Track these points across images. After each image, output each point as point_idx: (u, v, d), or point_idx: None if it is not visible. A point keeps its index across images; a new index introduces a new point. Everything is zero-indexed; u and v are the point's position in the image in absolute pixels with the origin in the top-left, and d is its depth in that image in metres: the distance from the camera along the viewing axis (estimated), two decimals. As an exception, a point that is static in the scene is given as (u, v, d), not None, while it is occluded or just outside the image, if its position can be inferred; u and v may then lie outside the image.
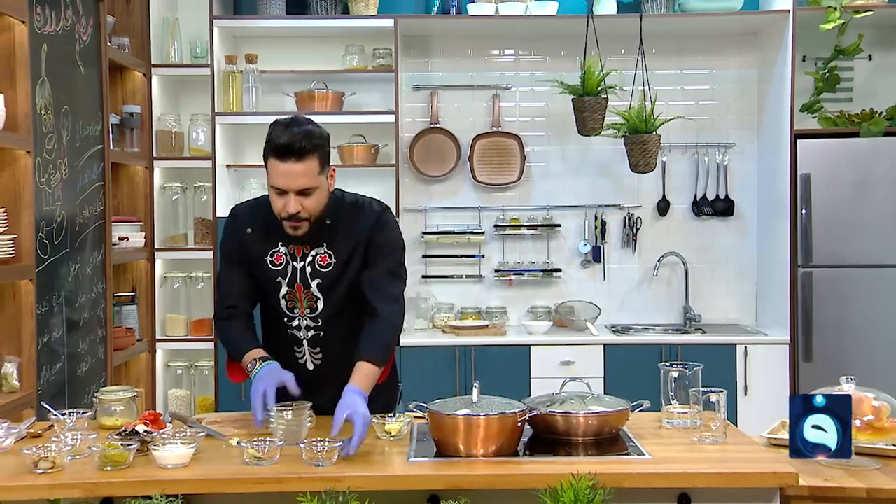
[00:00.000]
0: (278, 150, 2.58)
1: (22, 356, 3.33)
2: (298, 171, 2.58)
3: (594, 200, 5.28)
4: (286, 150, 2.57)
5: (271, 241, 2.74)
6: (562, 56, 5.25)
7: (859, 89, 5.17)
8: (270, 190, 2.65)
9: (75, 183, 3.85)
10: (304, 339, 2.80)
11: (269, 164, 2.62)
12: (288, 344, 2.82)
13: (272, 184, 2.63)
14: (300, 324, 2.79)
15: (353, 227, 2.75)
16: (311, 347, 2.81)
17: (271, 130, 2.63)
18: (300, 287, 2.74)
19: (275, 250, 2.74)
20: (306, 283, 2.74)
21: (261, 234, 2.75)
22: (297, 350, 2.82)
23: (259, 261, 2.76)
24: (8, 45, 3.31)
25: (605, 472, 2.20)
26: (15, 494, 2.22)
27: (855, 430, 2.48)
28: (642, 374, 4.19)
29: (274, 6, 4.94)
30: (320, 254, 2.73)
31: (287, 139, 2.57)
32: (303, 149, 2.57)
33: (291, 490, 2.18)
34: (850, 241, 4.70)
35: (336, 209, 2.75)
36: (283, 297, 2.76)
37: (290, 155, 2.57)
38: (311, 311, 2.77)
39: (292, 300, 2.76)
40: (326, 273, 2.73)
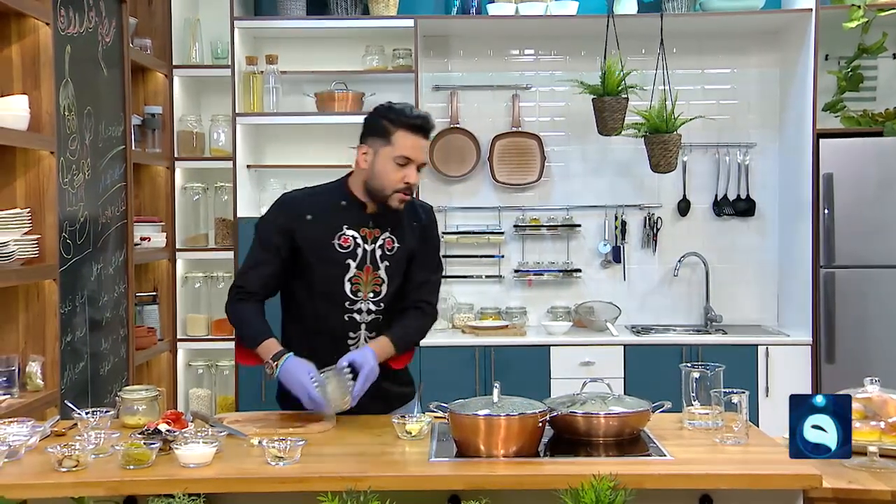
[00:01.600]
0: (414, 125, 2.77)
1: (46, 355, 3.36)
2: (424, 147, 2.81)
3: (614, 200, 5.27)
4: (421, 126, 2.78)
5: (334, 225, 2.84)
6: (582, 56, 5.24)
7: (883, 88, 5.12)
8: (389, 162, 2.77)
9: (98, 183, 3.88)
10: (363, 324, 2.88)
11: (396, 136, 2.77)
12: (342, 330, 2.88)
13: (401, 154, 2.77)
14: (362, 307, 2.87)
15: (412, 218, 2.92)
16: (367, 332, 2.88)
17: (394, 109, 2.80)
18: (368, 269, 2.85)
19: (341, 233, 2.84)
20: (375, 265, 2.86)
21: (322, 220, 2.84)
22: (353, 336, 2.88)
23: (321, 245, 2.83)
24: (33, 46, 3.34)
25: (626, 473, 2.19)
26: (40, 492, 2.24)
27: (880, 432, 2.46)
28: (663, 375, 4.18)
29: (294, 7, 4.96)
30: (386, 238, 2.86)
31: (420, 117, 2.79)
32: (430, 128, 2.82)
33: (313, 489, 2.18)
34: (872, 241, 4.66)
35: None
36: (348, 279, 2.84)
37: (422, 131, 2.78)
38: (375, 295, 2.87)
39: (358, 283, 2.85)
40: (392, 256, 2.87)
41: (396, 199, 2.80)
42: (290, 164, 5.12)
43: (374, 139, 2.80)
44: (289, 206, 2.88)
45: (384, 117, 2.79)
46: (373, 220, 2.85)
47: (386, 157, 2.77)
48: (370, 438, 2.62)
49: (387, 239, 2.87)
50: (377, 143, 2.79)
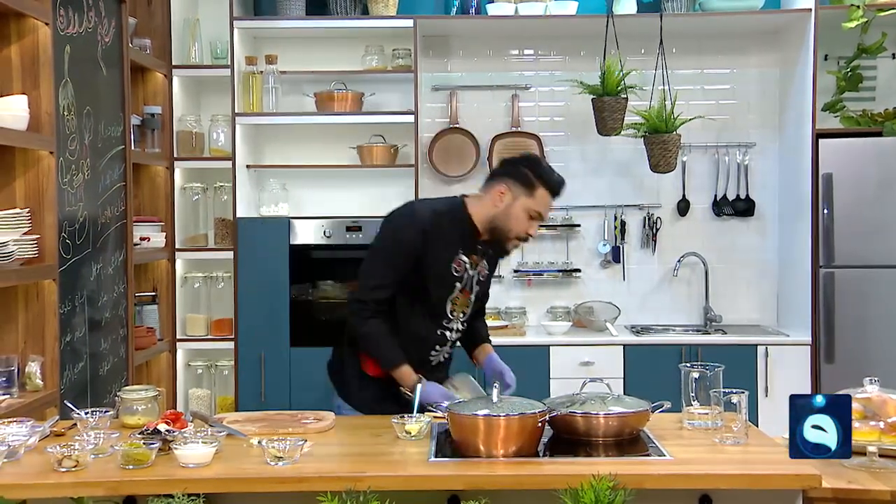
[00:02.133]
0: (555, 188, 3.01)
1: (45, 355, 3.36)
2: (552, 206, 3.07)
3: (614, 200, 5.27)
4: (559, 190, 3.02)
5: (451, 248, 3.02)
6: (581, 56, 5.24)
7: (882, 88, 5.12)
8: (523, 212, 2.99)
9: (97, 183, 3.88)
10: (450, 340, 3.12)
11: (539, 193, 2.99)
12: (431, 343, 3.09)
13: (536, 209, 3.00)
14: (454, 325, 3.11)
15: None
16: (449, 348, 3.14)
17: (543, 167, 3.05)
18: (467, 292, 3.10)
19: (456, 257, 3.03)
20: (471, 289, 3.11)
21: (442, 240, 3.00)
22: (437, 349, 3.11)
23: (436, 264, 3.00)
24: (32, 46, 3.34)
25: (625, 473, 2.20)
26: (39, 492, 2.24)
27: (879, 432, 2.47)
28: (662, 375, 4.19)
29: (294, 7, 4.95)
30: (482, 266, 3.13)
31: (560, 182, 3.02)
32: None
33: (312, 489, 2.18)
34: (872, 241, 4.66)
35: None
36: (451, 300, 3.06)
37: (558, 194, 3.03)
38: (464, 315, 3.13)
39: (456, 303, 3.08)
40: (482, 282, 3.16)
41: (513, 245, 3.07)
42: (290, 164, 5.12)
43: (517, 186, 2.99)
44: (422, 221, 2.97)
45: (533, 171, 3.00)
46: (481, 249, 3.08)
47: (523, 206, 2.98)
48: (369, 438, 2.62)
49: (482, 266, 3.12)
50: (518, 191, 2.98)
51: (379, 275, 2.99)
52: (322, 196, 5.18)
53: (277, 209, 5.01)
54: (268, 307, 4.81)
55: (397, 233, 3.00)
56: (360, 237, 4.83)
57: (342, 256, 4.88)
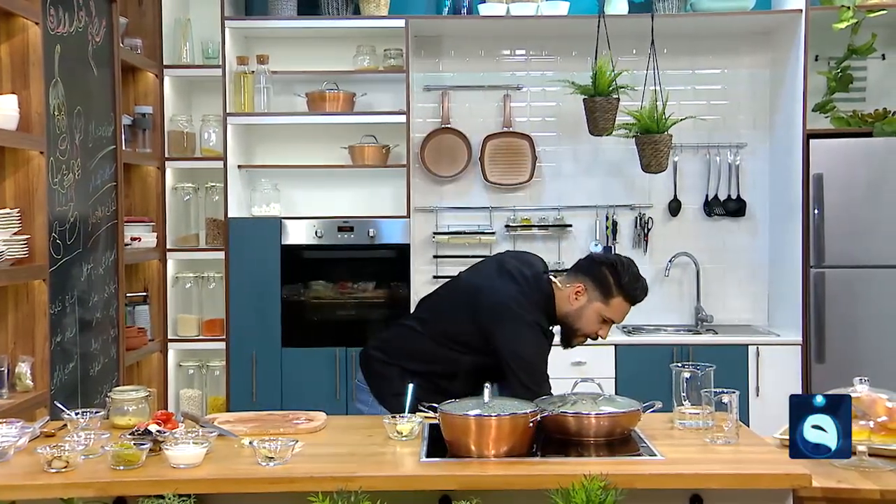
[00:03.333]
0: (635, 298, 2.99)
1: (35, 356, 3.35)
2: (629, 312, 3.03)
3: (605, 201, 5.28)
4: (639, 300, 3.00)
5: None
6: (573, 56, 5.25)
7: (872, 89, 5.14)
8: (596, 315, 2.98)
9: (88, 183, 3.87)
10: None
11: (616, 301, 2.97)
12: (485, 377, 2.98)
13: (609, 315, 2.98)
14: None
15: None
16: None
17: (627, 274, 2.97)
18: None
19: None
20: None
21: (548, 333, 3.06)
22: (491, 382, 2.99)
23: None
24: (22, 46, 3.33)
25: (616, 473, 2.20)
26: (29, 493, 2.23)
27: (869, 432, 2.47)
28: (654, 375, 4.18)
29: (285, 7, 4.95)
30: None
31: (641, 291, 2.99)
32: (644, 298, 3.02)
33: (303, 490, 2.18)
34: (862, 241, 4.68)
35: None
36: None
37: (637, 303, 3.01)
38: None
39: None
40: None
41: (580, 342, 3.06)
42: (281, 164, 5.11)
43: (595, 289, 2.97)
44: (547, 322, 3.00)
45: (615, 278, 2.96)
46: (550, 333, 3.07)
47: (596, 310, 2.98)
48: (361, 439, 2.62)
49: None
50: (595, 294, 2.97)
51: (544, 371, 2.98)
52: (314, 196, 5.18)
53: (269, 209, 5.00)
54: (259, 307, 4.80)
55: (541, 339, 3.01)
56: (351, 237, 4.83)
57: (334, 256, 4.88)
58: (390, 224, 4.87)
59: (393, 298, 4.83)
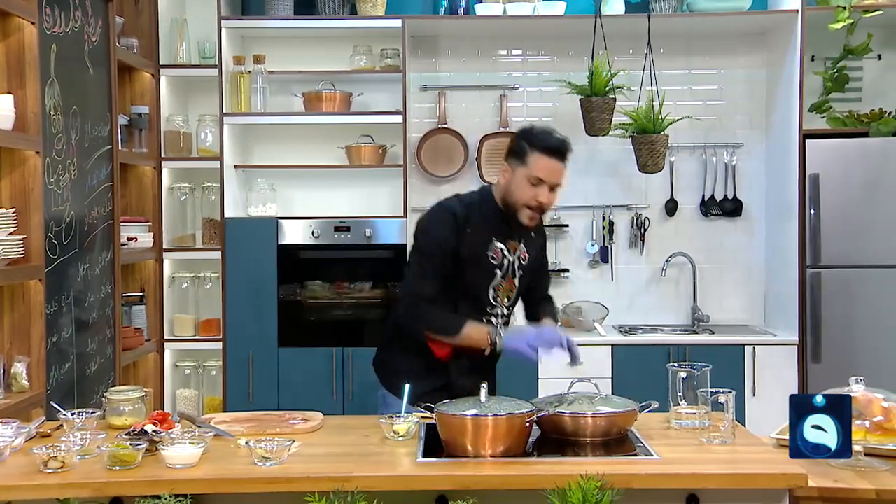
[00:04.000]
0: (551, 149, 3.00)
1: (31, 356, 3.34)
2: (560, 169, 3.02)
3: (602, 201, 5.28)
4: (557, 150, 3.01)
5: (488, 238, 3.05)
6: (569, 56, 5.25)
7: (868, 89, 5.15)
8: (523, 181, 3.00)
9: (84, 183, 3.86)
10: (498, 325, 3.14)
11: (532, 158, 2.99)
12: None
13: (535, 174, 2.98)
14: (498, 311, 3.14)
15: (535, 230, 3.17)
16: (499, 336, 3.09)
17: (534, 131, 3.04)
18: (510, 279, 3.12)
19: (491, 245, 3.05)
20: (514, 275, 3.13)
21: (479, 233, 3.04)
22: None
23: (474, 256, 3.04)
24: (18, 46, 3.32)
25: (613, 473, 2.20)
26: (25, 494, 2.23)
27: (864, 431, 2.48)
28: (650, 375, 4.20)
29: (282, 7, 4.94)
30: (523, 250, 3.13)
31: (558, 142, 3.02)
32: (567, 152, 3.05)
33: (300, 490, 2.18)
34: (859, 241, 4.69)
35: None
36: (493, 287, 3.09)
37: (558, 155, 3.01)
38: (509, 300, 3.16)
39: (499, 290, 3.11)
40: (526, 266, 3.15)
41: (526, 215, 3.03)
42: (278, 165, 5.11)
43: (513, 159, 3.03)
44: (455, 217, 3.01)
45: (524, 139, 3.03)
46: (516, 235, 3.09)
47: (522, 176, 3.00)
48: (357, 439, 2.62)
49: (522, 251, 3.13)
50: (515, 163, 3.02)
51: (419, 272, 3.03)
52: (310, 196, 5.18)
53: (265, 209, 5.00)
54: (256, 307, 4.80)
55: (431, 233, 3.05)
56: (348, 237, 4.83)
57: (330, 256, 4.88)
58: (387, 224, 4.87)
59: (389, 298, 4.83)
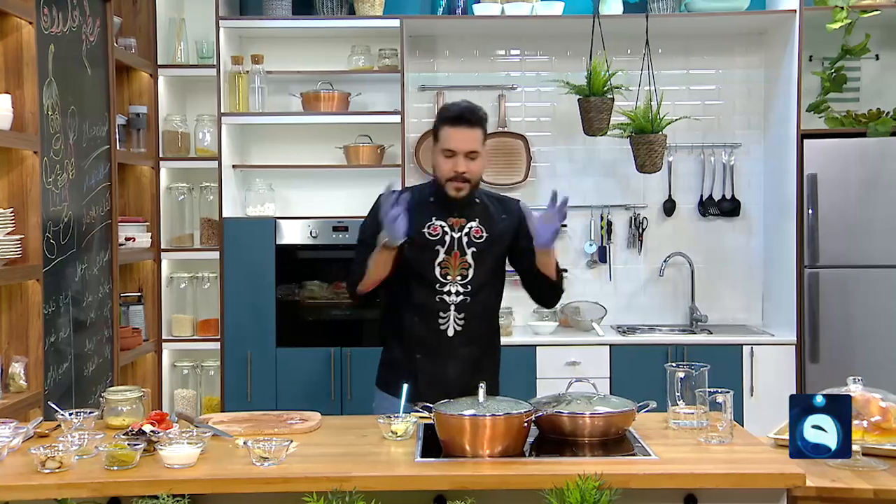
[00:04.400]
0: (452, 118, 3.10)
1: (29, 356, 3.34)
2: (468, 137, 3.08)
3: (600, 201, 5.28)
4: (459, 118, 3.09)
5: (424, 216, 3.16)
6: (568, 56, 5.25)
7: (866, 89, 5.16)
8: (439, 156, 3.12)
9: (82, 183, 3.86)
10: (452, 304, 3.16)
11: (441, 132, 3.12)
12: (433, 311, 3.17)
13: (444, 147, 3.10)
14: (451, 289, 3.17)
15: (502, 212, 3.24)
16: (456, 313, 3.17)
17: (442, 107, 3.24)
18: (456, 255, 3.17)
19: (430, 223, 3.17)
20: (462, 251, 3.17)
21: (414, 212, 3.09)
22: (443, 316, 3.17)
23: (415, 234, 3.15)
24: (15, 45, 3.32)
25: (611, 473, 2.20)
26: (22, 494, 2.23)
27: (862, 431, 2.48)
28: (648, 375, 4.20)
29: (280, 7, 4.94)
30: (474, 227, 3.19)
31: (459, 110, 3.11)
32: (472, 117, 3.11)
33: (298, 490, 2.18)
34: (857, 241, 4.69)
35: (482, 194, 3.27)
36: (438, 263, 3.16)
37: (462, 122, 3.08)
38: (463, 278, 3.17)
39: (447, 267, 3.17)
40: (479, 242, 3.18)
41: (451, 187, 3.11)
42: (276, 165, 5.11)
43: (433, 138, 3.19)
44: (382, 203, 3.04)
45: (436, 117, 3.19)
46: (458, 211, 3.17)
47: (437, 152, 3.14)
48: (356, 439, 2.62)
49: (474, 228, 3.18)
50: (433, 143, 3.17)
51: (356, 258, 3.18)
52: (308, 196, 5.18)
53: (264, 209, 5.00)
54: (254, 307, 4.80)
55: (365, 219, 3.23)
56: (346, 237, 4.83)
57: (328, 256, 4.87)
58: (385, 224, 4.86)
59: (388, 298, 4.82)
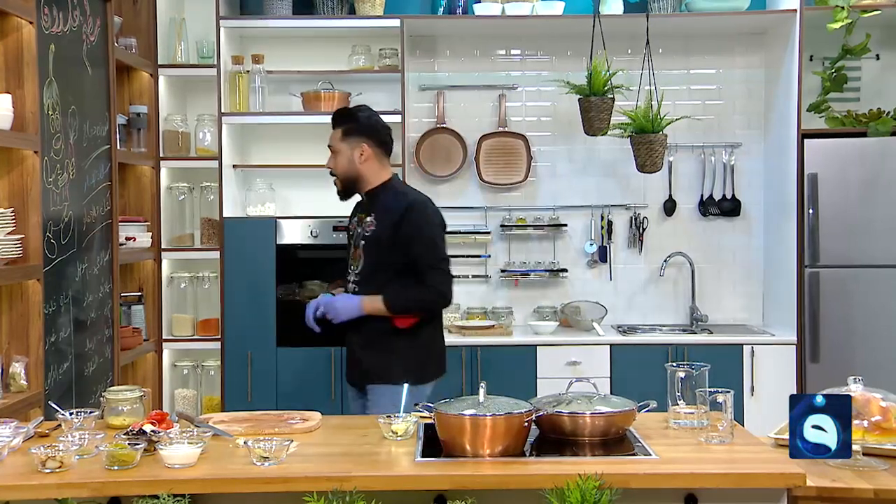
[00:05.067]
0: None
1: (29, 356, 3.34)
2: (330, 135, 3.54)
3: (600, 200, 5.28)
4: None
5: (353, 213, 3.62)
6: (568, 56, 5.25)
7: (866, 89, 5.15)
8: None
9: (82, 183, 3.86)
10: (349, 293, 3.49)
11: None
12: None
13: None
14: (350, 279, 3.51)
15: (390, 207, 3.42)
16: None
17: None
18: (355, 247, 3.50)
19: (353, 219, 3.59)
20: (357, 245, 3.49)
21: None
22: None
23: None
24: (16, 45, 3.32)
25: (611, 473, 2.20)
26: (23, 494, 2.23)
27: (863, 431, 2.48)
28: (649, 375, 4.20)
29: (280, 6, 4.94)
30: (369, 221, 3.46)
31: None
32: (333, 120, 3.57)
33: (298, 490, 2.18)
34: (857, 241, 4.69)
35: (385, 189, 3.49)
36: (349, 255, 3.54)
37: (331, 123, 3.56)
38: (355, 269, 3.48)
39: (350, 259, 3.53)
40: (367, 236, 3.43)
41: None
42: (276, 164, 5.11)
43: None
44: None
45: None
46: (365, 208, 3.49)
47: None
48: (356, 438, 2.62)
49: (369, 222, 3.45)
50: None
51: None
52: (309, 196, 5.17)
53: (264, 209, 5.00)
54: (254, 307, 4.80)
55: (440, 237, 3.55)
56: (346, 237, 4.82)
57: (329, 256, 4.87)
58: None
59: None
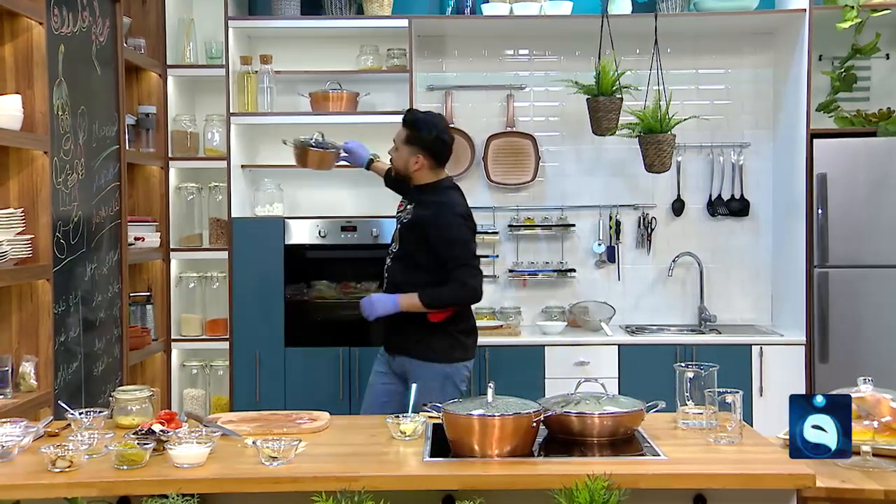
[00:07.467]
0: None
1: (39, 356, 3.35)
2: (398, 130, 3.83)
3: (608, 200, 5.27)
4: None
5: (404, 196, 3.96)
6: (576, 56, 5.24)
7: (876, 88, 5.14)
8: None
9: (92, 183, 3.87)
10: (386, 266, 3.84)
11: None
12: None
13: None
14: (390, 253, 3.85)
15: (427, 203, 3.73)
16: (385, 273, 3.85)
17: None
18: (397, 229, 3.84)
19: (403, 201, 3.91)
20: (397, 227, 3.84)
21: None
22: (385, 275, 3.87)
23: None
24: (26, 46, 3.33)
25: (620, 473, 2.20)
26: (33, 493, 2.24)
27: (873, 432, 2.47)
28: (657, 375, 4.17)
29: (288, 7, 4.95)
30: (409, 208, 3.79)
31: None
32: (403, 119, 3.83)
33: (307, 490, 2.18)
34: (866, 241, 4.68)
35: (430, 187, 3.78)
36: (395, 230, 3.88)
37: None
38: (395, 247, 3.82)
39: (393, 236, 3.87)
40: (405, 223, 3.78)
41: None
42: (285, 164, 5.10)
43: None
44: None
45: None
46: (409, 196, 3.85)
47: None
48: (364, 438, 2.62)
49: (409, 209, 3.79)
50: None
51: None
52: (317, 196, 5.18)
53: (272, 209, 5.01)
54: (263, 307, 4.80)
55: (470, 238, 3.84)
56: (354, 237, 4.83)
57: (337, 256, 4.88)
58: (393, 224, 4.86)
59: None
